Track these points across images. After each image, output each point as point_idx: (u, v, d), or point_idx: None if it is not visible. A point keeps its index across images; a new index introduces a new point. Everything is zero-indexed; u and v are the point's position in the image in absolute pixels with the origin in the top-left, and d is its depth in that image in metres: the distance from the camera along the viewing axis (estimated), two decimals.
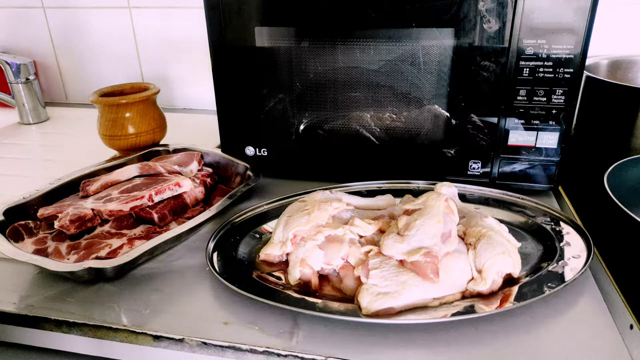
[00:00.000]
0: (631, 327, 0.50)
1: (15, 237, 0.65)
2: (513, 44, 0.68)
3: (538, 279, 0.55)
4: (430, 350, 0.49)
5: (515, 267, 0.56)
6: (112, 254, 0.63)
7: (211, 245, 0.63)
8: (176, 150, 0.89)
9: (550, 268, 0.57)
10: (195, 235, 0.69)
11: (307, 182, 0.81)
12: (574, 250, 0.60)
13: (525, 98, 0.71)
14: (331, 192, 0.68)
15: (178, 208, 0.73)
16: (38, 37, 1.28)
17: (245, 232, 0.67)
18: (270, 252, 0.61)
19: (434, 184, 0.69)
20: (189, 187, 0.74)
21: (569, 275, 0.55)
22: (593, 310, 0.54)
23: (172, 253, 0.66)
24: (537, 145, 0.73)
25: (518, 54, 0.68)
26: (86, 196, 0.72)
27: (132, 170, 0.77)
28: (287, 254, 0.61)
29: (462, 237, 0.59)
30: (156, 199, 0.71)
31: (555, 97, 0.70)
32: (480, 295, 0.53)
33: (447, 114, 0.74)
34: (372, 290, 0.52)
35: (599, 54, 0.97)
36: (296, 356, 0.49)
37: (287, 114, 0.79)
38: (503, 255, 0.54)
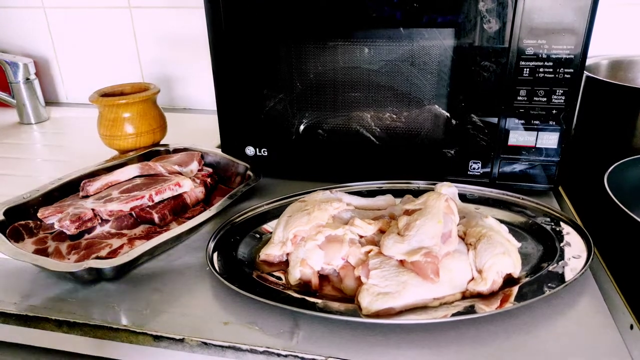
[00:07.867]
0: (631, 327, 0.50)
1: (16, 237, 0.65)
2: (513, 44, 0.68)
3: (538, 279, 0.55)
4: (431, 350, 0.49)
5: (515, 267, 0.56)
6: (112, 254, 0.63)
7: (211, 245, 0.63)
8: (176, 150, 0.89)
9: (550, 268, 0.57)
10: (195, 235, 0.69)
11: (307, 182, 0.81)
12: (574, 250, 0.60)
13: (525, 98, 0.71)
14: (331, 192, 0.68)
15: (178, 208, 0.73)
16: (38, 37, 1.28)
17: (246, 232, 0.67)
18: (271, 252, 0.61)
19: (434, 184, 0.69)
20: (189, 187, 0.74)
21: (569, 276, 0.55)
22: (593, 310, 0.54)
23: (172, 253, 0.66)
24: (537, 146, 0.73)
25: (518, 54, 0.68)
26: (86, 196, 0.72)
27: (132, 170, 0.77)
28: (288, 254, 0.61)
29: (462, 237, 0.59)
30: (156, 199, 0.71)
31: (555, 97, 0.70)
32: (480, 296, 0.53)
33: (447, 114, 0.74)
34: (372, 290, 0.52)
35: (599, 54, 0.97)
36: (296, 356, 0.49)
37: (287, 114, 0.79)
38: (503, 255, 0.54)
